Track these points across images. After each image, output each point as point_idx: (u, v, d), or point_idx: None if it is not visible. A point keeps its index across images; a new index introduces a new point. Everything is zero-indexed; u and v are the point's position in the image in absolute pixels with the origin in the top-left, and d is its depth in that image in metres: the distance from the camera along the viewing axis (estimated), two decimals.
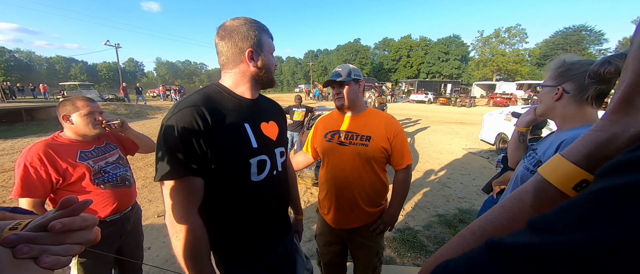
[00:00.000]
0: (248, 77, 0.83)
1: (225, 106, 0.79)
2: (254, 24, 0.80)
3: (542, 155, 0.87)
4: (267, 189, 0.87)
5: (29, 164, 1.09)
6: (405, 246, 2.46)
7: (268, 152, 0.86)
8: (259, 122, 0.87)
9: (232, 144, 0.77)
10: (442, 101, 23.51)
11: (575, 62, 0.84)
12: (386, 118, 1.31)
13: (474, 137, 7.94)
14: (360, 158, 1.24)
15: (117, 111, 12.33)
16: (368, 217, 1.32)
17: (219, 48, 0.81)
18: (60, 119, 1.24)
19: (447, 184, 4.14)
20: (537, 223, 0.24)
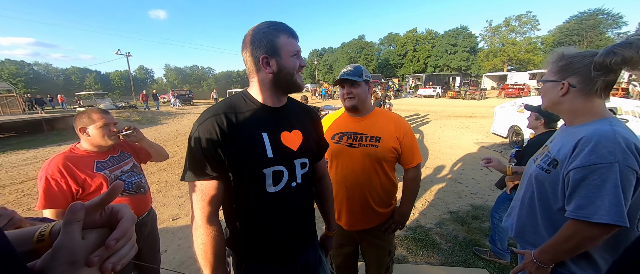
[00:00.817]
0: (268, 84, 0.82)
1: (245, 114, 0.79)
2: (271, 27, 0.78)
3: (557, 154, 0.85)
4: (284, 201, 0.83)
5: (50, 177, 1.15)
6: (417, 245, 2.43)
7: (286, 163, 0.82)
8: (280, 132, 0.83)
9: (247, 153, 0.77)
10: (451, 94, 23.01)
11: (575, 54, 0.82)
12: (394, 118, 1.31)
13: (486, 130, 7.73)
14: (370, 159, 1.24)
15: (130, 118, 12.72)
16: (380, 217, 1.32)
17: (243, 58, 0.83)
18: (77, 131, 1.29)
19: (458, 180, 4.06)
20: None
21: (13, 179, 4.85)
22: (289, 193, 0.84)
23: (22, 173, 5.23)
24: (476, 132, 7.80)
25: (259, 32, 0.78)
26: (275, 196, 0.81)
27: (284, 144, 0.83)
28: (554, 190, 0.83)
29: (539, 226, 0.90)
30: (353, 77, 1.23)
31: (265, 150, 0.78)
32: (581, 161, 0.74)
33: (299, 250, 0.92)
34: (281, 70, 0.79)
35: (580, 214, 0.74)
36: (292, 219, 0.88)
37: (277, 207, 0.83)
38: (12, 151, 7.21)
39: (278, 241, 0.86)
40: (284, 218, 0.85)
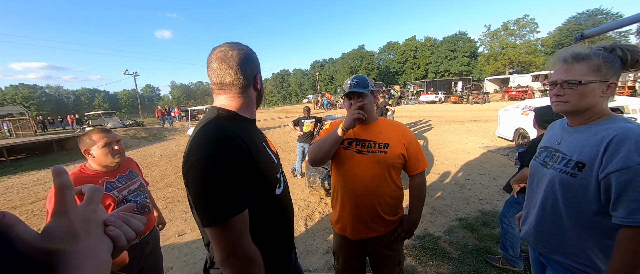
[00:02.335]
0: (252, 101, 0.88)
1: (249, 132, 0.80)
2: (251, 49, 0.85)
3: (580, 155, 0.81)
4: (286, 199, 0.92)
5: None
6: (426, 254, 2.37)
7: (280, 165, 0.93)
8: (266, 139, 0.93)
9: (266, 165, 0.81)
10: (454, 99, 22.93)
11: (608, 52, 0.79)
12: (399, 125, 1.35)
13: (491, 134, 7.65)
14: (380, 166, 1.24)
15: (137, 136, 12.97)
16: (388, 225, 1.30)
17: (222, 73, 0.78)
18: (83, 153, 1.32)
19: (466, 185, 3.99)
20: None
21: (24, 200, 4.94)
22: (286, 190, 0.93)
23: (32, 194, 5.33)
24: (481, 136, 7.71)
25: (249, 52, 0.83)
26: (281, 196, 0.88)
27: (273, 150, 0.93)
28: (585, 193, 0.79)
29: (567, 234, 0.86)
30: (361, 89, 1.24)
31: (273, 158, 0.87)
32: (624, 162, 0.69)
33: (292, 245, 1.00)
34: (261, 89, 0.90)
35: (637, 220, 0.69)
36: (290, 214, 0.96)
37: (282, 205, 0.89)
38: (23, 172, 7.37)
39: (288, 238, 0.93)
40: (286, 214, 0.92)
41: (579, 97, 0.82)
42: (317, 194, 3.90)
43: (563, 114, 0.90)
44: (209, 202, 0.65)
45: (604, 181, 0.74)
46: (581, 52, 0.81)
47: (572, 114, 0.88)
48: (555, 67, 0.87)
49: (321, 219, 3.26)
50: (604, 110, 0.83)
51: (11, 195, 5.33)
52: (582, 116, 0.86)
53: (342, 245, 1.41)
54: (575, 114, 0.87)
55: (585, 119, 0.86)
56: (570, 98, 0.83)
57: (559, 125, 0.98)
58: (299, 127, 4.90)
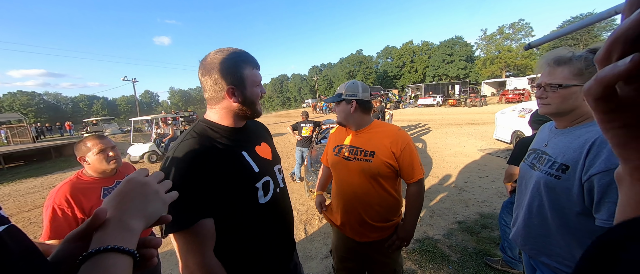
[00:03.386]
0: (232, 111, 0.84)
1: (219, 141, 0.80)
2: (236, 58, 0.78)
3: (563, 158, 0.82)
4: (275, 207, 0.89)
5: (57, 207, 1.15)
6: (426, 258, 2.36)
7: (269, 172, 0.90)
8: (254, 147, 0.90)
9: (238, 175, 0.79)
10: (452, 102, 23.10)
11: (587, 55, 0.80)
12: (392, 132, 1.27)
13: (489, 137, 7.68)
14: (365, 174, 1.24)
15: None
16: (380, 232, 1.29)
17: (202, 83, 0.81)
18: (78, 160, 1.32)
19: (464, 188, 3.99)
20: None
21: (20, 208, 4.89)
22: (277, 199, 0.91)
23: (29, 201, 5.28)
24: (479, 139, 7.75)
25: (224, 62, 0.77)
26: (267, 205, 0.86)
27: (262, 157, 0.90)
28: (568, 195, 0.80)
29: (553, 236, 0.87)
30: (331, 100, 1.33)
31: (251, 166, 0.83)
32: (606, 165, 0.70)
33: (289, 255, 0.97)
34: (246, 100, 0.82)
35: None
36: (282, 221, 0.94)
37: (270, 214, 0.87)
38: (20, 180, 7.31)
39: (278, 247, 0.91)
40: (277, 222, 0.90)
41: (561, 100, 0.84)
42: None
43: (547, 116, 0.92)
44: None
45: (586, 183, 0.75)
46: (563, 55, 0.83)
47: (556, 116, 0.90)
48: (541, 70, 0.89)
49: (321, 224, 3.25)
50: (588, 113, 0.84)
51: (8, 203, 5.28)
52: (566, 118, 0.88)
53: (338, 244, 1.44)
54: (559, 116, 0.89)
55: (570, 122, 0.87)
56: (552, 101, 0.85)
57: (548, 127, 1.00)
58: (297, 132, 4.92)
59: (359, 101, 1.28)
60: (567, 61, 0.81)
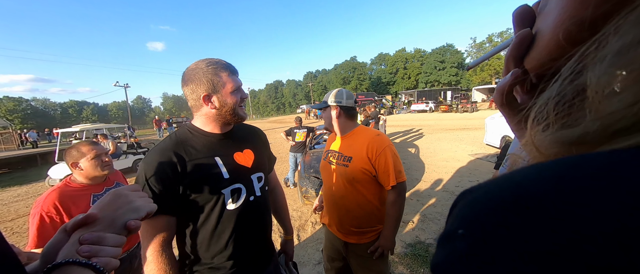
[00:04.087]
0: (211, 118, 0.87)
1: (194, 145, 0.84)
2: (209, 67, 0.82)
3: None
4: (245, 215, 0.89)
5: (45, 214, 1.12)
6: (417, 262, 2.38)
7: (243, 180, 0.90)
8: (232, 153, 0.91)
9: (204, 179, 0.82)
10: (444, 108, 23.53)
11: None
12: (370, 137, 1.25)
13: (480, 142, 7.85)
14: (343, 179, 1.27)
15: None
16: (359, 236, 1.30)
17: (184, 93, 0.87)
18: (69, 166, 1.29)
19: (455, 192, 4.06)
20: None
21: (2, 217, 4.71)
22: (249, 207, 0.90)
23: (12, 210, 5.09)
24: (470, 144, 7.90)
25: (199, 71, 0.81)
26: (236, 211, 0.87)
27: (238, 164, 0.91)
28: None
29: None
30: (317, 106, 1.39)
31: (221, 172, 0.85)
32: None
33: (262, 265, 0.97)
34: (223, 106, 0.85)
35: None
36: (254, 230, 0.94)
37: (239, 221, 0.88)
38: (3, 188, 7.06)
39: (242, 256, 0.90)
40: (247, 230, 0.90)
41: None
42: (309, 204, 3.88)
43: None
44: None
45: None
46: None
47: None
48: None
49: (314, 230, 3.24)
50: None
51: None
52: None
53: (326, 244, 1.51)
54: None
55: None
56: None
57: None
58: (291, 137, 4.93)
59: (343, 107, 1.31)
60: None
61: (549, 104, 0.18)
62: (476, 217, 0.16)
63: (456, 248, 0.15)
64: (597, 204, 0.11)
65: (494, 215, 0.14)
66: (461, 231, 0.16)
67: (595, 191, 0.12)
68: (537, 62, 0.22)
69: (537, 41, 0.21)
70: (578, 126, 0.16)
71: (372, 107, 7.88)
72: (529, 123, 0.20)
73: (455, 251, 0.15)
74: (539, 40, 0.21)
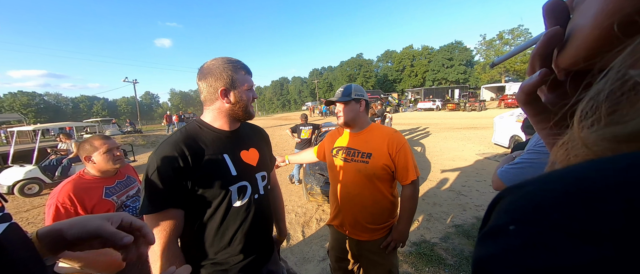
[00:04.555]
0: (224, 112, 0.90)
1: (204, 140, 0.86)
2: (229, 64, 0.86)
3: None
4: (249, 212, 0.91)
5: (61, 205, 1.16)
6: (422, 261, 2.37)
7: (248, 178, 0.92)
8: (239, 151, 0.93)
9: (212, 175, 0.83)
10: (451, 106, 23.19)
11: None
12: (389, 134, 1.29)
13: (487, 141, 7.72)
14: (360, 175, 1.26)
15: (136, 143, 12.93)
16: (372, 233, 1.31)
17: (199, 87, 0.89)
18: (82, 160, 1.33)
19: (462, 192, 4.01)
20: None
21: (18, 208, 4.90)
22: (253, 205, 0.93)
23: (27, 201, 5.28)
24: (478, 143, 7.78)
25: (219, 66, 0.85)
26: (241, 208, 0.89)
27: (244, 162, 0.93)
28: None
29: None
30: (340, 98, 1.30)
31: (229, 169, 0.87)
32: None
33: (262, 261, 0.99)
34: (238, 101, 0.88)
35: None
36: (257, 228, 0.95)
37: (243, 218, 0.90)
38: None
39: (245, 252, 0.91)
40: (250, 228, 0.92)
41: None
42: (314, 201, 3.90)
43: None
44: (142, 197, 0.79)
45: None
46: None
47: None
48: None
49: (318, 227, 3.26)
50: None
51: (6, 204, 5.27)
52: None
53: (335, 244, 1.47)
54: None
55: None
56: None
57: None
58: (296, 134, 4.94)
59: (366, 101, 1.33)
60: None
61: (597, 99, 0.17)
62: (534, 211, 0.15)
63: (509, 244, 0.15)
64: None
65: (555, 208, 0.14)
66: (513, 226, 0.16)
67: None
68: (573, 59, 0.21)
69: (575, 37, 0.20)
70: (628, 122, 0.16)
71: (378, 105, 7.82)
72: (575, 119, 0.19)
73: (508, 247, 0.15)
74: (576, 35, 0.20)
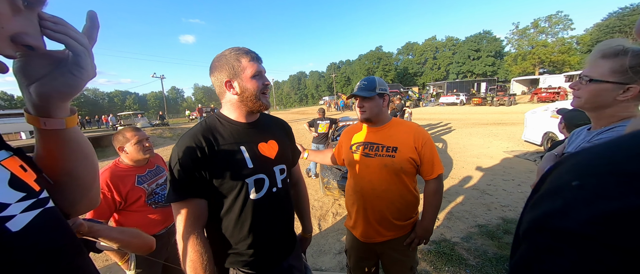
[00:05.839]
0: (235, 104, 0.89)
1: (221, 132, 0.86)
2: (231, 53, 0.84)
3: None
4: (267, 205, 0.90)
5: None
6: (442, 260, 2.30)
7: (266, 171, 0.90)
8: (257, 143, 0.91)
9: (229, 166, 0.83)
10: (477, 101, 21.90)
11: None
12: (413, 128, 1.27)
13: (517, 138, 7.22)
14: (387, 170, 1.22)
15: (163, 135, 13.78)
16: (398, 230, 1.29)
17: (211, 82, 0.91)
18: (117, 150, 1.44)
19: (487, 191, 3.81)
20: None
21: None
22: (271, 198, 0.91)
23: None
24: (506, 140, 7.30)
25: (222, 58, 0.85)
26: (259, 201, 0.88)
27: (262, 154, 0.91)
28: None
29: None
30: (364, 92, 1.23)
31: (245, 161, 0.86)
32: None
33: (282, 255, 0.98)
34: (244, 91, 0.85)
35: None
36: (275, 222, 0.94)
37: (261, 211, 0.89)
38: None
39: (263, 245, 0.91)
40: (268, 221, 0.91)
41: (590, 95, 0.78)
42: (331, 195, 3.92)
43: (582, 110, 0.87)
44: (168, 187, 0.82)
45: None
46: (612, 48, 0.75)
47: (589, 113, 0.85)
48: (590, 60, 0.83)
49: (335, 221, 3.28)
50: (626, 114, 0.76)
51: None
52: (598, 117, 0.82)
53: (354, 244, 1.42)
54: (591, 112, 0.83)
55: (605, 122, 0.81)
56: (583, 94, 0.80)
57: (585, 130, 0.94)
58: (314, 129, 4.96)
59: (388, 95, 1.30)
60: (612, 55, 0.74)
61: None
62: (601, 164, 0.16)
63: (573, 197, 0.16)
64: None
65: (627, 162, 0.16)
66: (576, 182, 0.17)
67: None
68: None
69: None
70: None
71: (397, 100, 7.59)
72: None
73: (571, 200, 0.16)
74: None
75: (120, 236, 0.86)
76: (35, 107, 0.42)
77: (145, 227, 1.35)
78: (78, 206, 0.51)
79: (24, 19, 0.36)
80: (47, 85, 0.40)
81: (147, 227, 1.37)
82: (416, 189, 1.31)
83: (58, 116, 0.43)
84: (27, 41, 0.36)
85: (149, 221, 1.42)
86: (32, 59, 0.39)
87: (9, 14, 0.34)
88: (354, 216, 1.37)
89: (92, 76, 0.44)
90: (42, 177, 0.42)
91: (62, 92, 0.41)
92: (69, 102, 0.45)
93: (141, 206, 1.40)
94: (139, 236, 0.95)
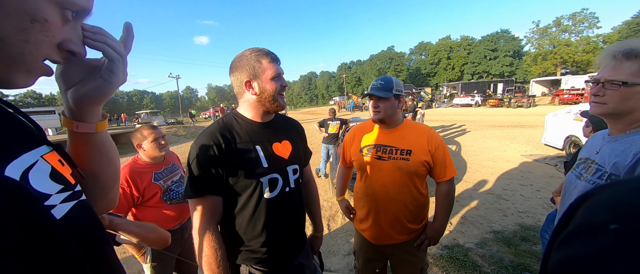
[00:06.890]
0: (253, 104, 0.91)
1: (238, 132, 0.88)
2: (252, 54, 0.86)
3: (614, 167, 0.73)
4: (280, 204, 0.92)
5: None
6: (454, 265, 2.24)
7: (280, 170, 0.92)
8: (271, 143, 0.93)
9: (244, 165, 0.85)
10: (493, 102, 21.15)
11: None
12: (426, 130, 1.27)
13: (536, 141, 6.91)
14: (401, 173, 1.21)
15: (178, 133, 14.21)
16: (409, 233, 1.27)
17: (231, 81, 0.92)
18: (135, 147, 1.50)
19: (503, 196, 3.66)
20: None
21: None
22: (284, 197, 0.93)
23: None
24: (524, 143, 7.00)
25: (243, 58, 0.86)
26: (273, 200, 0.90)
27: (276, 154, 0.93)
28: None
29: None
30: (381, 93, 1.20)
31: (260, 161, 0.88)
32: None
33: (293, 253, 0.99)
34: (263, 92, 0.87)
35: None
36: (288, 220, 0.96)
37: (274, 210, 0.90)
38: None
39: (276, 243, 0.92)
40: (280, 220, 0.93)
41: (620, 100, 0.72)
42: None
43: (601, 117, 0.80)
44: (185, 183, 0.84)
45: None
46: (635, 48, 0.70)
47: (611, 118, 0.79)
48: (603, 63, 0.77)
49: (344, 221, 3.26)
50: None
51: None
52: (622, 122, 0.76)
53: (363, 245, 1.41)
54: (615, 118, 0.77)
55: (626, 126, 0.75)
56: (610, 99, 0.73)
57: (601, 134, 0.88)
58: (324, 129, 4.96)
59: (403, 96, 1.28)
60: (637, 55, 0.69)
61: None
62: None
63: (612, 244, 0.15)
64: None
65: None
66: (615, 226, 0.15)
67: None
68: None
69: None
70: None
71: (409, 100, 7.45)
72: None
73: (610, 247, 0.15)
74: None
75: (139, 230, 0.90)
76: (70, 111, 0.46)
77: (161, 222, 1.39)
78: (97, 206, 0.54)
79: (71, 28, 0.40)
80: (80, 90, 0.44)
81: (162, 222, 1.42)
82: (427, 191, 1.29)
83: (89, 121, 0.47)
84: (71, 47, 0.40)
85: (164, 216, 1.46)
86: (72, 65, 0.43)
87: (60, 24, 0.38)
88: (364, 219, 1.34)
89: (121, 82, 0.47)
90: (76, 171, 0.45)
91: (92, 97, 0.45)
92: (100, 107, 0.49)
93: (157, 202, 1.45)
94: (155, 230, 0.98)
